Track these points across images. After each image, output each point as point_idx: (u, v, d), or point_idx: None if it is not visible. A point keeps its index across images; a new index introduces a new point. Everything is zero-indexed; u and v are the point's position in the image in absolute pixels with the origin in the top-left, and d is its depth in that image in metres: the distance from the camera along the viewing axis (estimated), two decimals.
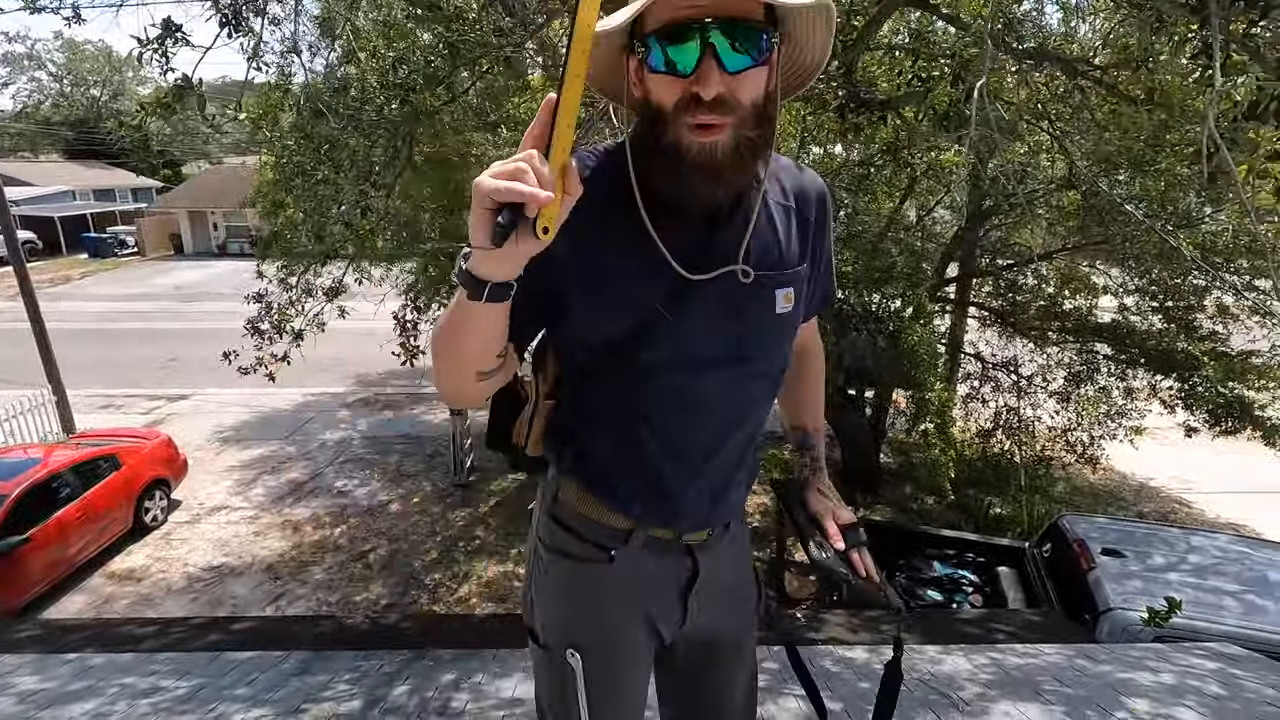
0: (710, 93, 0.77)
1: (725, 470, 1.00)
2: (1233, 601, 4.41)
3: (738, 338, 0.92)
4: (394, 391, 11.90)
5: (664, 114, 0.81)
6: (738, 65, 0.78)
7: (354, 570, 7.01)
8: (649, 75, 0.82)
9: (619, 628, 1.02)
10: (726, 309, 0.90)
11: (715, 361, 0.92)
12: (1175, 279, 7.50)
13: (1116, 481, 9.05)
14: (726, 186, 0.85)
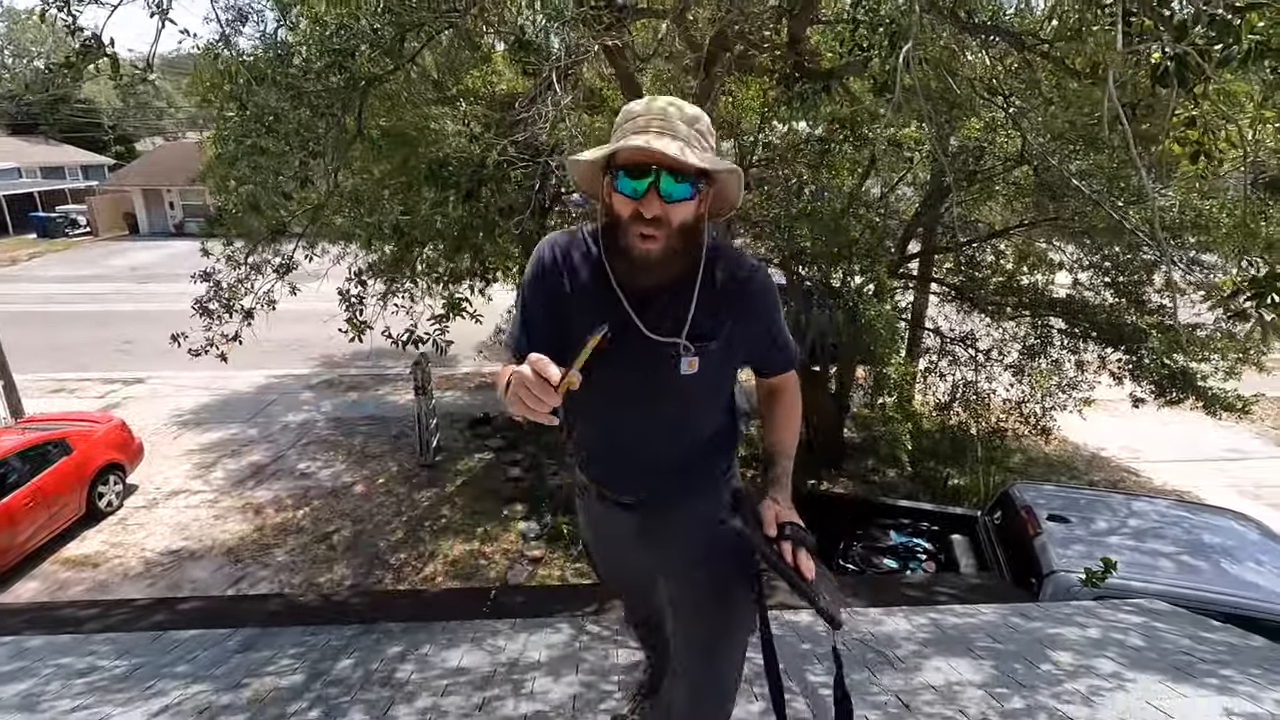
0: (650, 213, 1.15)
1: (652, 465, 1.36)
2: (1168, 563, 4.59)
3: (650, 386, 1.28)
4: (358, 373, 11.75)
5: (621, 221, 1.19)
6: (673, 198, 1.15)
7: (317, 552, 6.95)
8: (615, 193, 1.18)
9: (601, 537, 1.58)
10: (643, 362, 1.25)
11: (631, 399, 1.30)
12: (1126, 255, 7.69)
13: (1070, 452, 9.33)
14: (656, 278, 1.23)
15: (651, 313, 1.24)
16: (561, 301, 1.28)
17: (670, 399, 1.30)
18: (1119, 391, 7.74)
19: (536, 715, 2.04)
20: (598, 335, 1.09)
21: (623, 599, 1.86)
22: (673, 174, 1.13)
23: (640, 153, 1.12)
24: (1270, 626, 3.71)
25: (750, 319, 1.29)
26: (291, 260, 4.66)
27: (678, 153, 1.10)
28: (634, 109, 1.20)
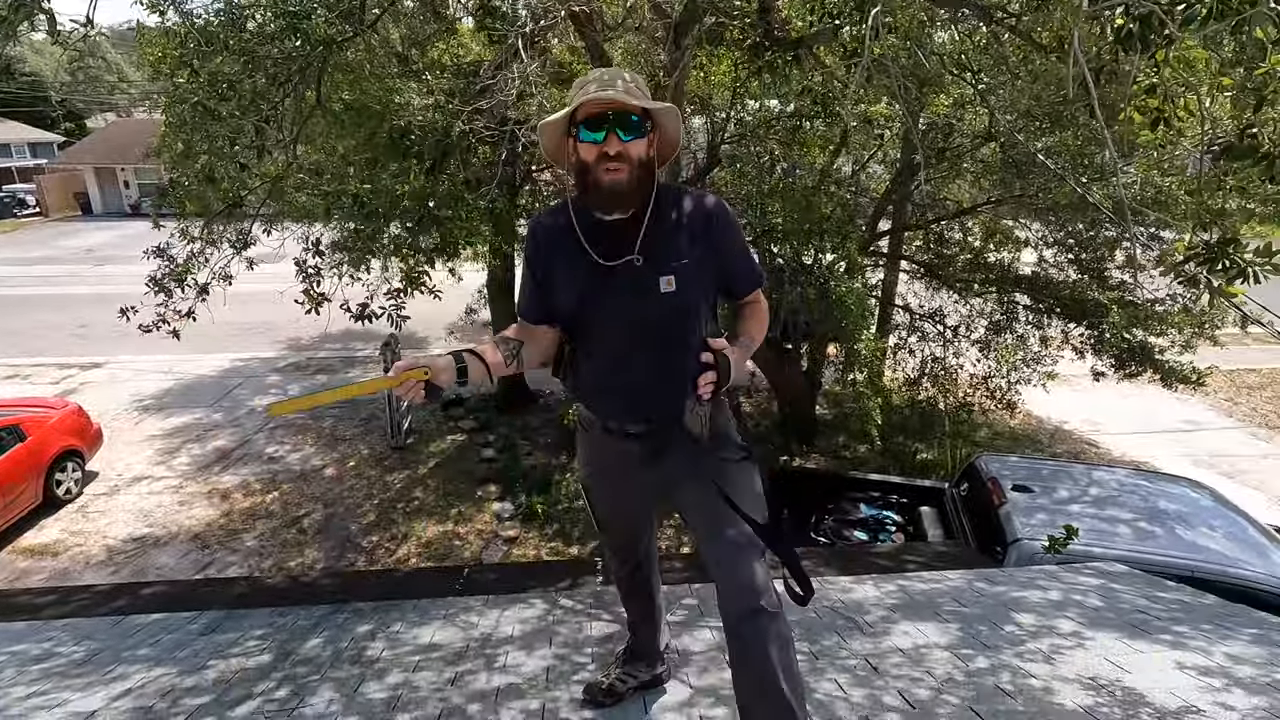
0: (613, 150, 1.39)
1: (645, 388, 1.51)
2: (1126, 529, 4.74)
3: (640, 306, 1.46)
4: (328, 355, 11.53)
5: (589, 166, 1.41)
6: (628, 136, 1.40)
7: (287, 536, 6.86)
8: (579, 145, 1.42)
9: (603, 469, 1.70)
10: (629, 287, 1.45)
11: (629, 322, 1.49)
12: (1089, 232, 7.84)
13: (1034, 426, 9.56)
14: (627, 205, 1.44)
15: (611, 244, 1.46)
16: (550, 262, 1.52)
17: (656, 321, 1.48)
18: (1081, 366, 7.94)
19: (509, 688, 2.04)
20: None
21: (613, 546, 1.86)
22: (624, 117, 1.38)
23: (594, 101, 1.37)
24: (1222, 587, 3.87)
25: (713, 239, 1.50)
26: (249, 235, 4.49)
27: (624, 94, 1.36)
28: (582, 80, 1.45)
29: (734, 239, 1.54)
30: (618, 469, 1.64)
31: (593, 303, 1.48)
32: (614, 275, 1.45)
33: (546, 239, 1.52)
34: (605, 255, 1.46)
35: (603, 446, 1.63)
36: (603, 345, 1.52)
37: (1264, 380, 11.18)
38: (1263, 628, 2.41)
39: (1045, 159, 5.11)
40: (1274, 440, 9.47)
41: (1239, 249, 1.55)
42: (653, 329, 1.48)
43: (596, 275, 1.46)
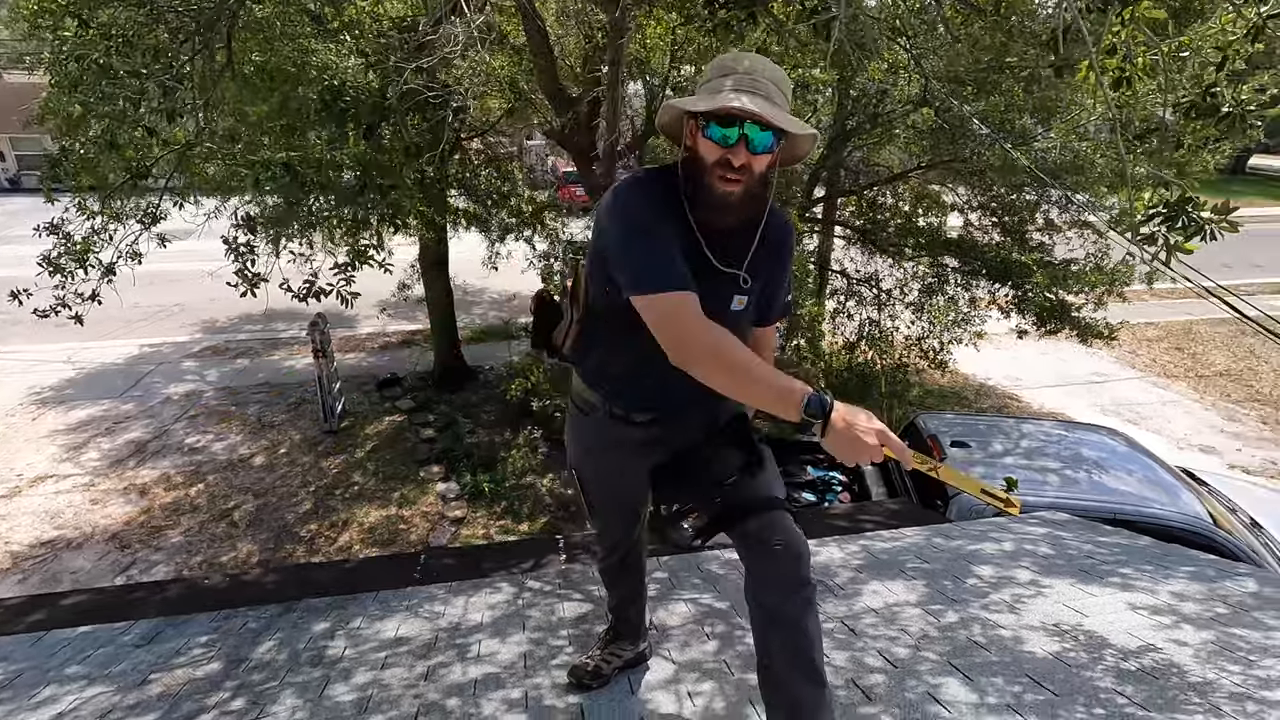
0: (738, 161, 1.26)
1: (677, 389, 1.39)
2: (1055, 477, 5.03)
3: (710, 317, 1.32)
4: (247, 338, 10.88)
5: (705, 164, 1.28)
6: (757, 149, 1.27)
7: (217, 530, 6.48)
8: (701, 138, 1.28)
9: (600, 458, 1.63)
10: (709, 294, 1.31)
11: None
12: (1011, 195, 8.17)
13: (961, 383, 10.02)
14: (733, 219, 1.34)
15: (720, 249, 1.37)
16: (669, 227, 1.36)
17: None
18: (1004, 325, 8.33)
19: (487, 678, 1.96)
20: None
21: (604, 533, 1.79)
22: (759, 127, 1.25)
23: (739, 111, 1.23)
24: (1141, 527, 4.15)
25: (779, 268, 1.47)
26: (158, 209, 4.08)
27: (769, 107, 1.24)
28: (727, 63, 1.31)
29: (790, 268, 1.50)
30: (616, 455, 1.59)
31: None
32: (709, 277, 1.34)
33: (662, 203, 1.32)
34: (716, 256, 1.36)
35: (602, 431, 1.57)
36: (643, 338, 1.33)
37: (1161, 333, 12.07)
38: (1197, 565, 2.59)
39: (980, 123, 5.23)
40: (1171, 388, 10.26)
41: (1198, 207, 1.60)
42: None
43: (697, 270, 1.31)
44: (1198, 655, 1.87)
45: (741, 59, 1.31)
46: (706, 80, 1.32)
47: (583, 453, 1.66)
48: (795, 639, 1.32)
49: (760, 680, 1.40)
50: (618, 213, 1.33)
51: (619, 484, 1.66)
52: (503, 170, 8.94)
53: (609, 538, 1.79)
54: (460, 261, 9.74)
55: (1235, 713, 1.60)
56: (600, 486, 1.68)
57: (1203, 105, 1.63)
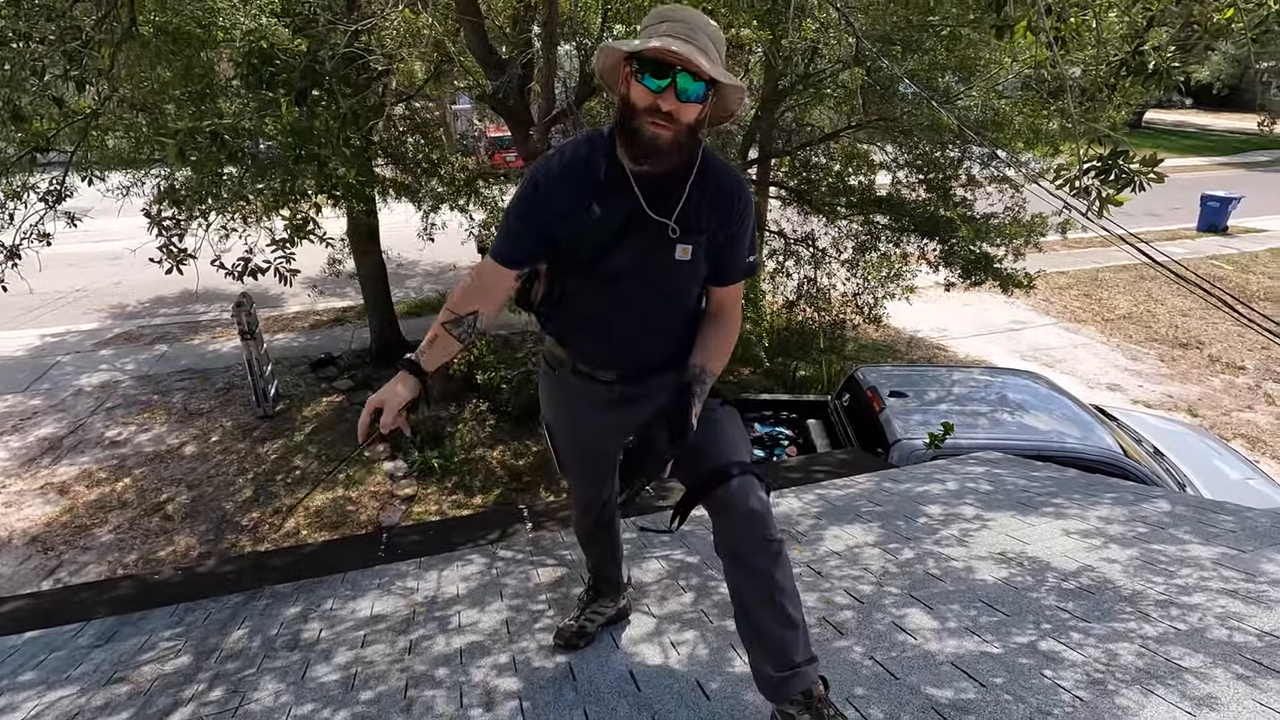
0: (666, 106, 1.29)
1: (634, 340, 1.51)
2: (985, 420, 5.35)
3: (653, 266, 1.43)
4: (165, 322, 10.25)
5: (636, 108, 1.32)
6: (688, 98, 1.29)
7: (150, 525, 6.18)
8: (634, 83, 1.31)
9: (568, 413, 1.68)
10: (649, 244, 1.41)
11: (636, 278, 1.45)
12: (935, 152, 8.46)
13: (892, 336, 10.43)
14: (660, 163, 1.36)
15: (654, 197, 1.40)
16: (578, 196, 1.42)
17: (662, 283, 1.47)
18: (932, 279, 8.70)
19: (472, 647, 1.98)
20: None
21: (575, 490, 1.82)
22: (689, 77, 1.28)
23: (670, 54, 1.26)
24: (1063, 461, 4.49)
25: (731, 224, 1.46)
26: (64, 186, 3.75)
27: (700, 59, 1.25)
28: (665, 12, 1.34)
29: (749, 233, 1.49)
30: (584, 410, 1.63)
31: (615, 246, 1.41)
32: (644, 228, 1.40)
33: (575, 171, 1.40)
34: (649, 203, 1.39)
35: (569, 387, 1.61)
36: (599, 291, 1.46)
37: (1072, 281, 12.85)
38: (1118, 491, 2.84)
39: (910, 82, 5.38)
40: (1080, 332, 10.98)
41: (1128, 160, 1.73)
42: (653, 291, 1.47)
43: (631, 220, 1.39)
44: (1126, 570, 2.07)
45: (680, 10, 1.34)
46: (643, 28, 1.36)
47: (552, 408, 1.71)
48: (769, 589, 1.39)
49: (739, 629, 1.47)
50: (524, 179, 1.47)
51: (586, 441, 1.69)
52: (430, 137, 8.62)
53: (581, 496, 1.81)
54: (392, 233, 9.40)
55: (1161, 617, 1.79)
56: (569, 443, 1.72)
57: (1133, 64, 1.75)
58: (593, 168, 1.40)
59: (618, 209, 1.39)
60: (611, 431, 1.59)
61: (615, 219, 1.40)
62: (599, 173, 1.40)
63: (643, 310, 1.49)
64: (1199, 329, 10.79)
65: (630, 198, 1.39)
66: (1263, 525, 2.34)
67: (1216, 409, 8.40)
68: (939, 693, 1.54)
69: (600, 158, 1.41)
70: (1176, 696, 1.44)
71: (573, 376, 1.58)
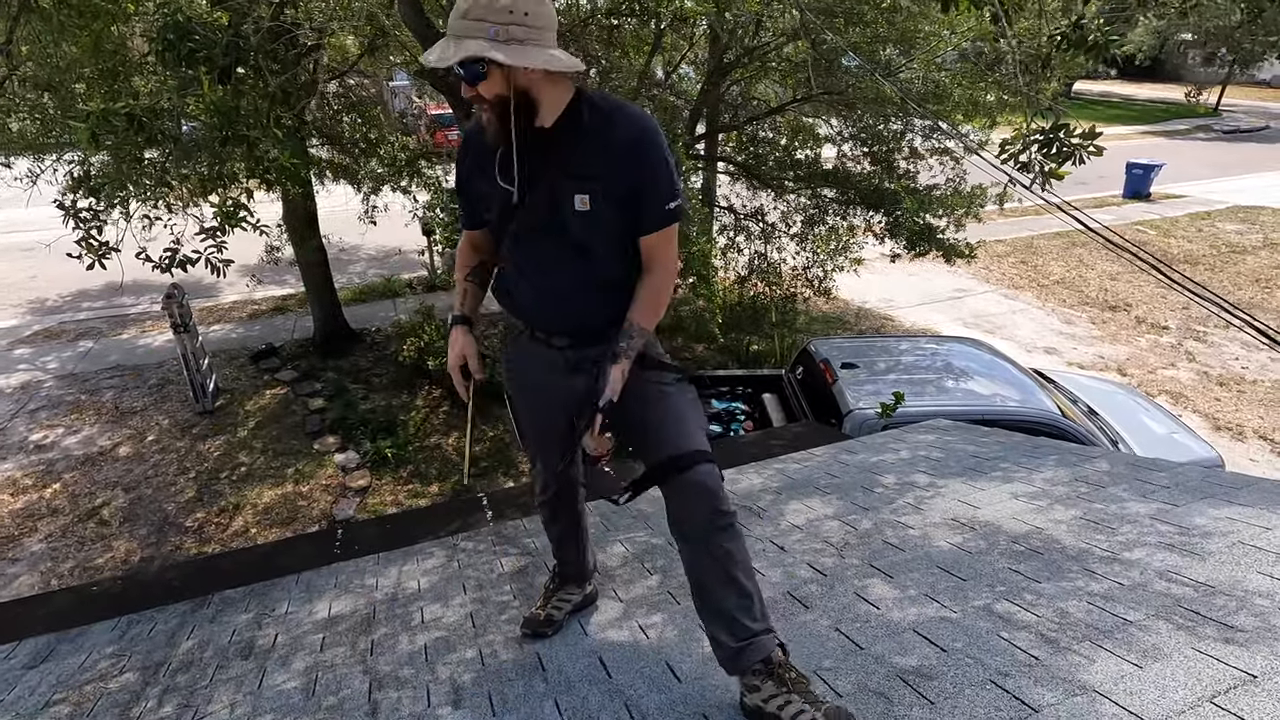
0: (467, 95, 1.39)
1: (565, 299, 1.55)
2: (932, 388, 5.52)
3: (557, 221, 1.47)
4: (89, 316, 9.68)
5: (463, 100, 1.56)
6: (471, 81, 1.36)
7: (85, 531, 5.88)
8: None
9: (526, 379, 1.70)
10: (545, 202, 1.46)
11: (544, 232, 1.49)
12: (879, 125, 8.58)
13: (841, 308, 10.63)
14: (497, 139, 1.43)
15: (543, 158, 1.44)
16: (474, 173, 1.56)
17: (570, 236, 1.48)
18: (878, 250, 8.87)
19: (437, 643, 1.94)
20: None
21: (534, 462, 1.81)
22: (463, 66, 1.33)
23: (429, 64, 1.36)
24: (1007, 425, 4.67)
25: (634, 170, 1.43)
26: None
27: (434, 59, 1.33)
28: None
29: (655, 166, 1.44)
30: (542, 377, 1.65)
31: (511, 214, 1.50)
32: (532, 189, 1.46)
33: (473, 149, 1.55)
34: (528, 169, 1.45)
35: (529, 354, 1.66)
36: (524, 257, 1.55)
37: (1009, 249, 13.30)
38: (1060, 453, 2.96)
39: (852, 54, 5.41)
40: (1018, 298, 11.40)
41: (1069, 133, 1.76)
42: (568, 245, 1.49)
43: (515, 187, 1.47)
44: (1071, 529, 2.16)
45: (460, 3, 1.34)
46: None
47: (513, 376, 1.73)
48: (722, 563, 1.43)
49: (696, 604, 1.50)
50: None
51: (542, 408, 1.68)
52: (368, 115, 8.29)
53: (542, 469, 1.79)
54: (333, 217, 9.05)
55: (1105, 573, 1.87)
56: (526, 410, 1.73)
57: (1073, 36, 1.79)
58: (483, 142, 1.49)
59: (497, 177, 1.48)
60: (564, 398, 1.59)
61: (500, 188, 1.49)
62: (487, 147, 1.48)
63: (562, 265, 1.51)
64: (1126, 291, 11.32)
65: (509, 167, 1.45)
66: (1194, 480, 2.47)
67: (1143, 368, 8.86)
68: (903, 660, 1.58)
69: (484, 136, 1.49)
70: (1124, 650, 1.51)
71: (530, 342, 1.64)
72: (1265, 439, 7.27)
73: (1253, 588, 1.69)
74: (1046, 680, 1.44)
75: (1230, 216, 15.34)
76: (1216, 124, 27.06)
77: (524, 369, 1.69)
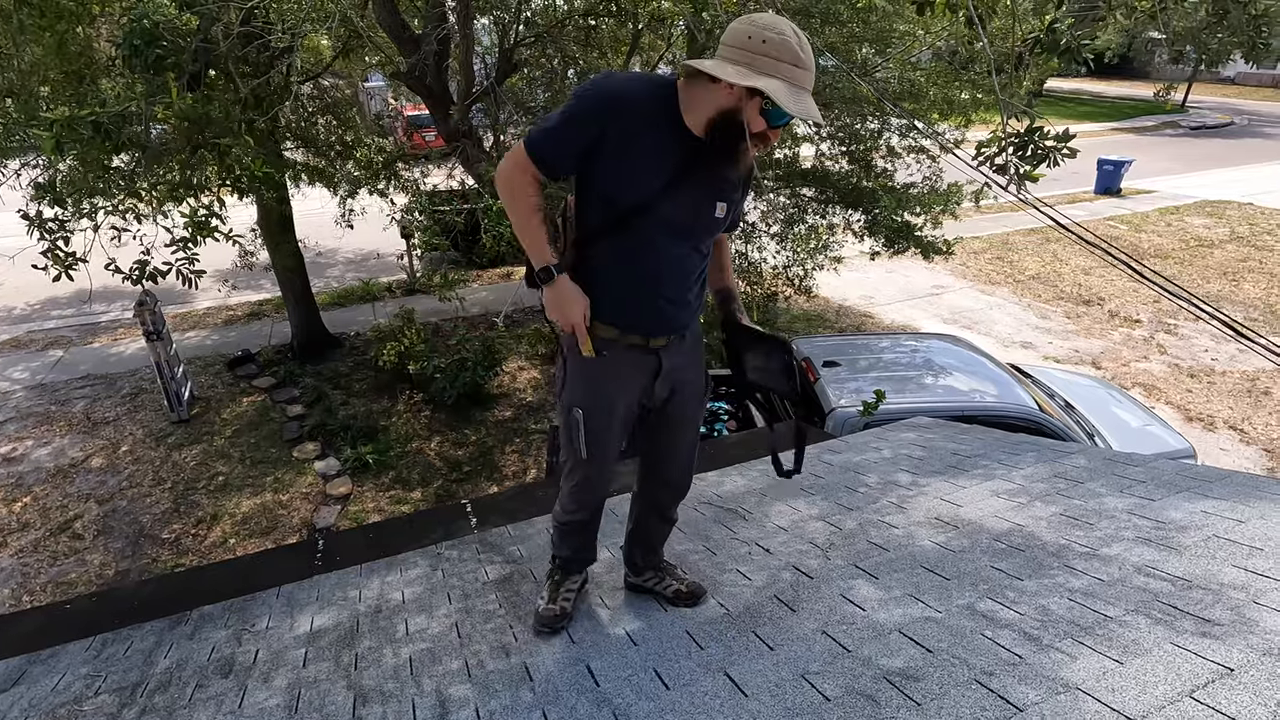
0: (774, 140, 1.49)
1: (678, 301, 1.63)
2: (913, 385, 5.57)
3: (703, 224, 1.58)
4: (59, 325, 9.48)
5: (746, 128, 1.43)
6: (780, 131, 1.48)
7: (58, 546, 5.75)
8: (754, 110, 1.41)
9: (611, 390, 1.68)
10: (699, 205, 1.55)
11: (682, 235, 1.57)
12: (856, 124, 8.63)
13: (823, 306, 10.70)
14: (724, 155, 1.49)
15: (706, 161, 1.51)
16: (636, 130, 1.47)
17: (703, 236, 1.61)
18: (857, 248, 8.94)
19: (422, 655, 1.92)
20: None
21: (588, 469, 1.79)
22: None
23: (809, 118, 1.41)
24: (985, 421, 4.73)
25: (746, 186, 1.69)
26: None
27: (807, 113, 1.37)
28: (793, 48, 1.36)
29: (748, 193, 1.72)
30: (630, 383, 1.68)
31: (670, 192, 1.49)
32: (695, 176, 1.50)
33: (637, 107, 1.46)
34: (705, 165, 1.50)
35: (617, 364, 1.64)
36: (637, 239, 1.54)
37: (985, 245, 13.47)
38: (1039, 449, 2.99)
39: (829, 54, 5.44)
40: (995, 294, 11.55)
41: (1043, 135, 1.78)
42: (693, 243, 1.60)
43: (684, 175, 1.49)
44: (1051, 526, 2.19)
45: (807, 48, 1.38)
46: (767, 52, 1.36)
47: (593, 392, 1.68)
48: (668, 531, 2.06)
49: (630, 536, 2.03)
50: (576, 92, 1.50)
51: (622, 413, 1.71)
52: (343, 118, 8.19)
53: (596, 475, 1.80)
54: (308, 221, 8.93)
55: (1085, 569, 1.89)
56: (605, 422, 1.70)
57: (1047, 40, 1.81)
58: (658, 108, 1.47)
59: (671, 150, 1.47)
60: (639, 396, 1.72)
61: (671, 161, 1.48)
62: (663, 116, 1.47)
63: (680, 269, 1.60)
64: (1100, 286, 11.52)
65: (693, 155, 1.48)
66: (1168, 474, 2.52)
67: (1117, 361, 9.02)
68: (890, 662, 1.58)
69: (668, 105, 1.48)
70: (1105, 645, 1.53)
71: (626, 352, 1.63)
72: (1235, 429, 7.43)
73: (1227, 580, 1.73)
74: (1030, 678, 1.45)
75: (1198, 211, 15.68)
76: (1184, 120, 27.65)
77: (610, 379, 1.66)
